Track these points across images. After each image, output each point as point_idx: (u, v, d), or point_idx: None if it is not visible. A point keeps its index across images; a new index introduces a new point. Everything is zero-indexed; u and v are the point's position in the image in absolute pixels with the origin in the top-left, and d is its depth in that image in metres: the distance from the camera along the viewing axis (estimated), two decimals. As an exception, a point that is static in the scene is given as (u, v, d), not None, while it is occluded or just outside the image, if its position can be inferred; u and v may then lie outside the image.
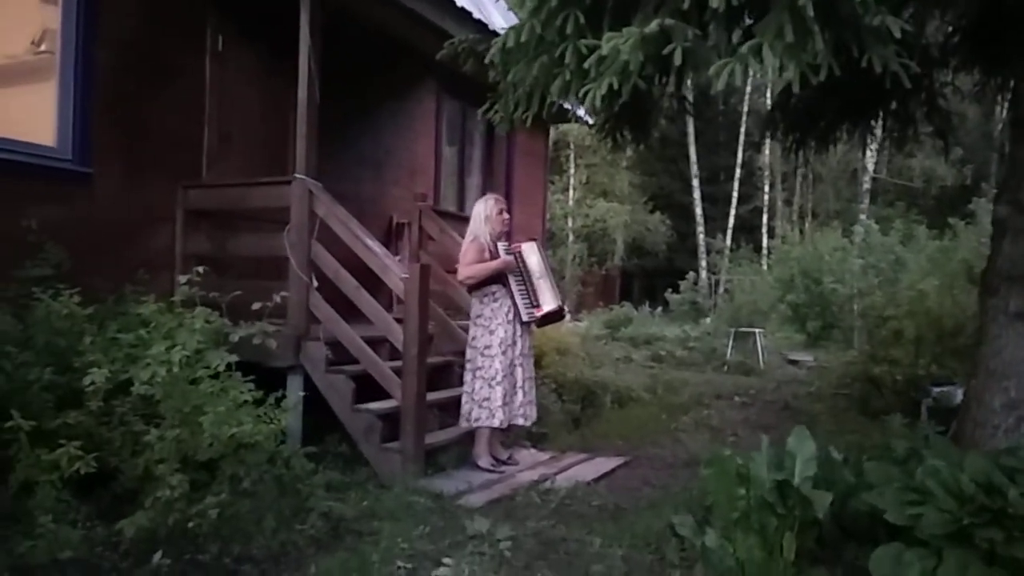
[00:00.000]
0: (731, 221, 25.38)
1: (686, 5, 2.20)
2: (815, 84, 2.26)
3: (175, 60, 5.27)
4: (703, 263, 24.30)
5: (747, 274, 18.99)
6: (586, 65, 2.37)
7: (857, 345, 10.06)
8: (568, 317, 5.45)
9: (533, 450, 5.47)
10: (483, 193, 8.82)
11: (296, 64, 4.86)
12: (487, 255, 4.89)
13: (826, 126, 4.91)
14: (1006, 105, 8.67)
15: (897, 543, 2.85)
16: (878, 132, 5.54)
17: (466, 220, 7.21)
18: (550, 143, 10.56)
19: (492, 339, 4.81)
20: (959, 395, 4.78)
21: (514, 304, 4.86)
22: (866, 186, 23.48)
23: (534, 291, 4.93)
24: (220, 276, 5.46)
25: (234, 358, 3.29)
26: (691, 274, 19.67)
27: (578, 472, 4.88)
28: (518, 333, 4.88)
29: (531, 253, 5.02)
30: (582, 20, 2.53)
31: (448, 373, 5.59)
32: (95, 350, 3.53)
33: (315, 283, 4.88)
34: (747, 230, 25.96)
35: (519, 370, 4.87)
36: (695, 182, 24.94)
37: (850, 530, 3.20)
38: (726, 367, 11.17)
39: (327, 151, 5.40)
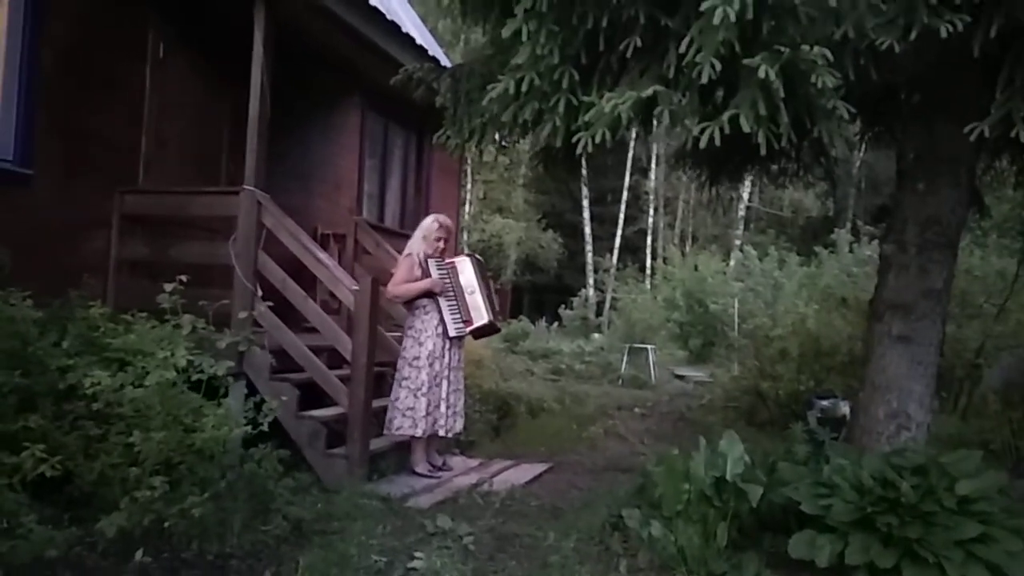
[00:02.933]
0: (618, 241, 26.51)
1: (671, 74, 2.63)
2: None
3: (116, 66, 5.25)
4: (591, 280, 25.26)
5: (633, 293, 19.98)
6: (586, 117, 2.74)
7: (737, 362, 10.89)
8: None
9: (463, 457, 5.75)
10: (402, 207, 9.11)
11: (234, 74, 4.96)
12: (417, 272, 5.09)
13: (734, 167, 5.50)
14: (863, 147, 9.76)
15: (809, 530, 3.35)
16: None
17: (386, 232, 7.47)
18: (462, 162, 10.87)
19: (421, 350, 4.99)
20: (843, 407, 5.46)
21: (442, 319, 5.05)
22: (741, 214, 25.26)
23: (465, 306, 5.10)
24: (154, 283, 5.53)
25: (230, 363, 3.41)
26: (583, 291, 20.45)
27: (509, 476, 5.21)
28: (446, 346, 5.04)
29: (465, 268, 5.18)
30: (576, 77, 2.92)
31: (382, 382, 5.79)
32: (59, 354, 3.56)
33: (259, 292, 4.99)
34: (632, 250, 27.25)
35: (445, 383, 5.03)
36: (585, 202, 25.93)
37: (766, 521, 3.69)
38: (620, 381, 11.82)
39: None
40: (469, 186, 24.78)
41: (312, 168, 7.39)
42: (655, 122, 2.60)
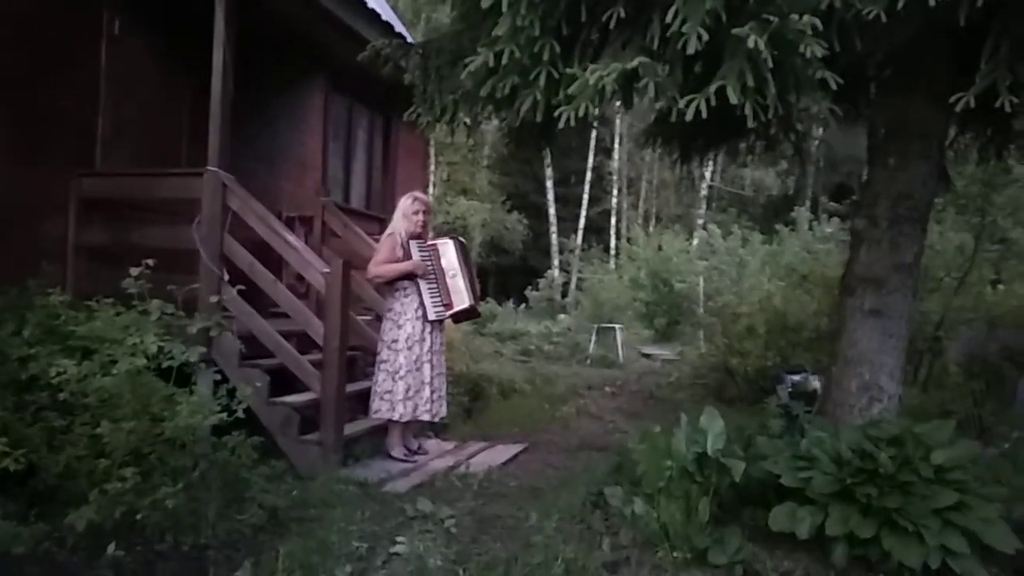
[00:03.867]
0: (582, 222, 26.56)
1: (655, 46, 2.59)
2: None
3: (70, 42, 5.05)
4: (556, 262, 25.30)
5: (599, 273, 20.07)
6: (570, 90, 2.69)
7: (705, 339, 11.01)
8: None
9: (437, 440, 5.70)
10: (368, 188, 8.98)
11: (193, 55, 4.81)
12: (400, 252, 5.01)
13: (704, 144, 5.50)
14: (823, 125, 9.89)
15: (789, 503, 3.38)
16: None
17: (352, 213, 7.35)
18: (428, 143, 10.75)
19: (399, 333, 4.92)
20: (814, 381, 5.52)
21: (422, 302, 4.98)
22: (703, 193, 25.47)
23: (446, 289, 5.02)
24: (113, 269, 5.37)
25: (203, 349, 3.31)
26: (549, 272, 20.47)
27: (485, 458, 5.19)
28: (427, 330, 4.96)
29: (448, 251, 5.09)
30: (557, 49, 2.85)
31: (353, 367, 5.71)
32: (18, 344, 3.43)
33: (226, 276, 4.86)
34: (596, 231, 27.33)
35: (427, 366, 4.94)
36: (549, 183, 25.89)
37: (744, 495, 3.71)
38: (589, 360, 11.88)
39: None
40: (433, 168, 24.56)
41: (277, 150, 7.22)
42: (637, 95, 2.55)
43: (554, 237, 25.92)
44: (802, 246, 16.83)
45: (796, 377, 5.75)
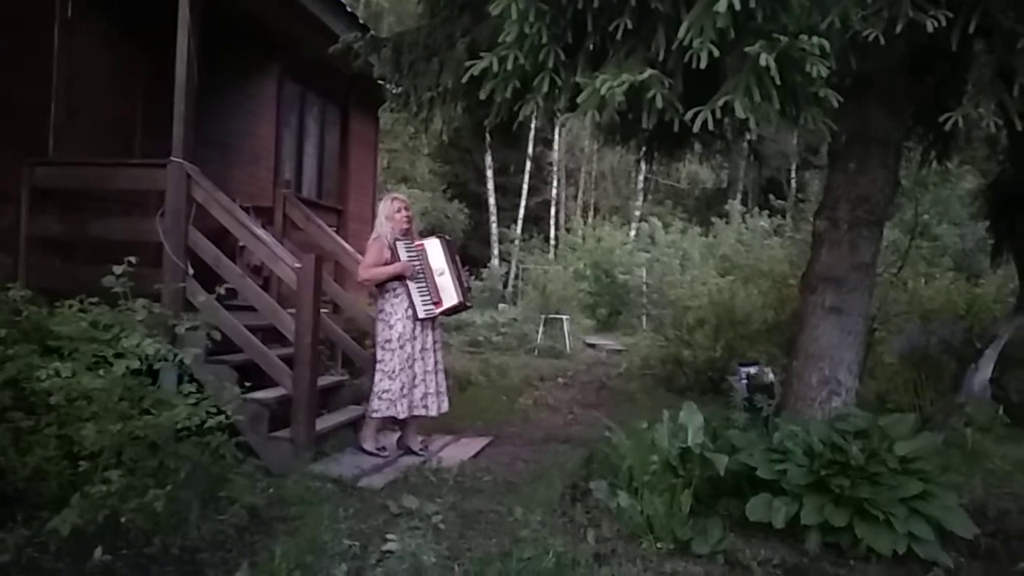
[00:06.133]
0: (522, 212, 26.64)
1: (660, 57, 2.67)
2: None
3: (20, 25, 4.81)
4: (496, 251, 25.33)
5: (540, 263, 20.23)
6: (579, 99, 2.73)
7: (652, 330, 11.27)
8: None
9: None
10: (319, 178, 8.85)
11: (147, 41, 4.65)
12: (387, 255, 4.99)
13: (672, 142, 5.63)
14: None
15: (765, 494, 3.54)
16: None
17: (309, 204, 7.25)
18: (378, 131, 10.62)
19: (391, 333, 4.92)
20: (769, 374, 5.75)
21: (412, 302, 4.97)
22: (640, 186, 25.91)
23: (435, 287, 5.04)
24: (66, 261, 5.17)
25: (198, 350, 3.24)
26: (492, 262, 20.50)
27: (454, 452, 5.22)
28: (418, 328, 4.98)
29: (434, 249, 5.10)
30: (562, 57, 2.89)
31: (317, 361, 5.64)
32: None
33: (191, 270, 4.75)
34: (535, 221, 27.46)
35: (419, 363, 4.97)
36: (489, 173, 25.88)
37: (719, 488, 3.86)
38: (536, 351, 12.00)
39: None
40: (372, 155, 24.28)
41: (229, 138, 7.05)
42: (644, 106, 2.62)
43: (494, 227, 25.91)
44: (737, 238, 17.40)
45: (751, 369, 5.99)
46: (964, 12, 2.73)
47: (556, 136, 27.00)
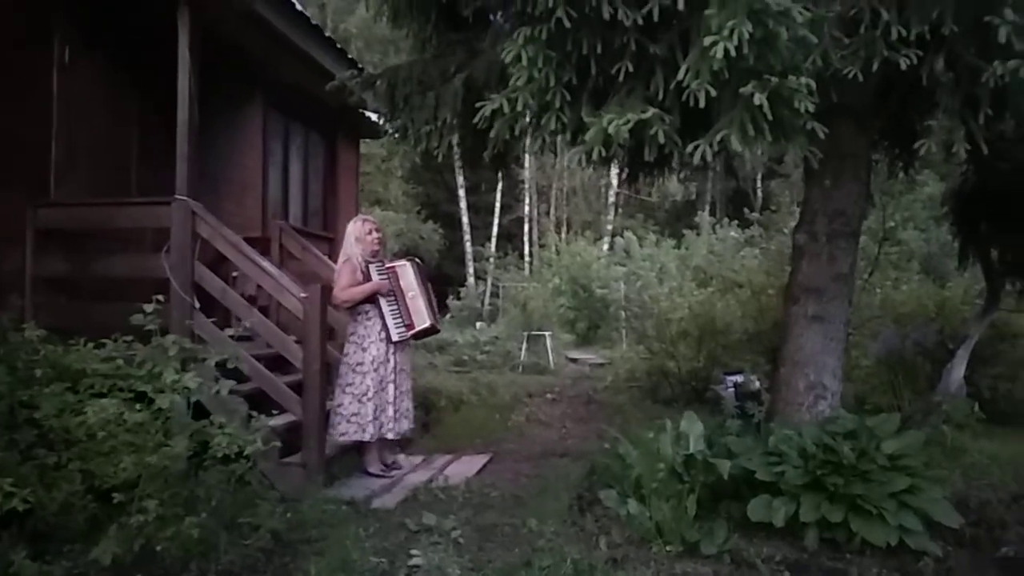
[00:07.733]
0: (495, 230, 26.93)
1: (660, 96, 2.90)
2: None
3: (21, 70, 4.93)
4: (471, 270, 25.54)
5: (516, 280, 20.47)
6: (587, 135, 2.96)
7: (636, 343, 11.50)
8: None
9: (403, 455, 5.84)
10: (305, 206, 8.98)
11: (142, 80, 4.78)
12: (360, 276, 5.09)
13: (655, 162, 5.88)
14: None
15: (764, 495, 3.76)
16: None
17: (302, 233, 7.39)
18: (359, 157, 10.78)
19: (364, 356, 5.03)
20: (755, 382, 6.01)
21: (384, 325, 5.11)
22: (611, 200, 26.32)
23: (407, 310, 5.16)
24: (72, 300, 5.26)
25: (232, 383, 3.38)
26: (470, 281, 20.68)
27: (457, 470, 5.38)
28: (391, 351, 5.10)
29: (406, 272, 5.24)
30: (568, 97, 3.12)
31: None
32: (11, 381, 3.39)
33: (197, 304, 4.88)
34: (509, 238, 27.75)
35: (391, 387, 5.09)
36: (461, 192, 26.13)
37: (718, 491, 4.08)
38: (521, 368, 12.17)
39: (169, 163, 5.10)
40: (345, 179, 24.39)
41: (218, 170, 7.17)
42: (646, 142, 2.85)
43: (468, 245, 26.14)
44: (708, 249, 17.79)
45: (737, 378, 6.24)
46: (932, 49, 3.01)
47: (526, 154, 27.35)
